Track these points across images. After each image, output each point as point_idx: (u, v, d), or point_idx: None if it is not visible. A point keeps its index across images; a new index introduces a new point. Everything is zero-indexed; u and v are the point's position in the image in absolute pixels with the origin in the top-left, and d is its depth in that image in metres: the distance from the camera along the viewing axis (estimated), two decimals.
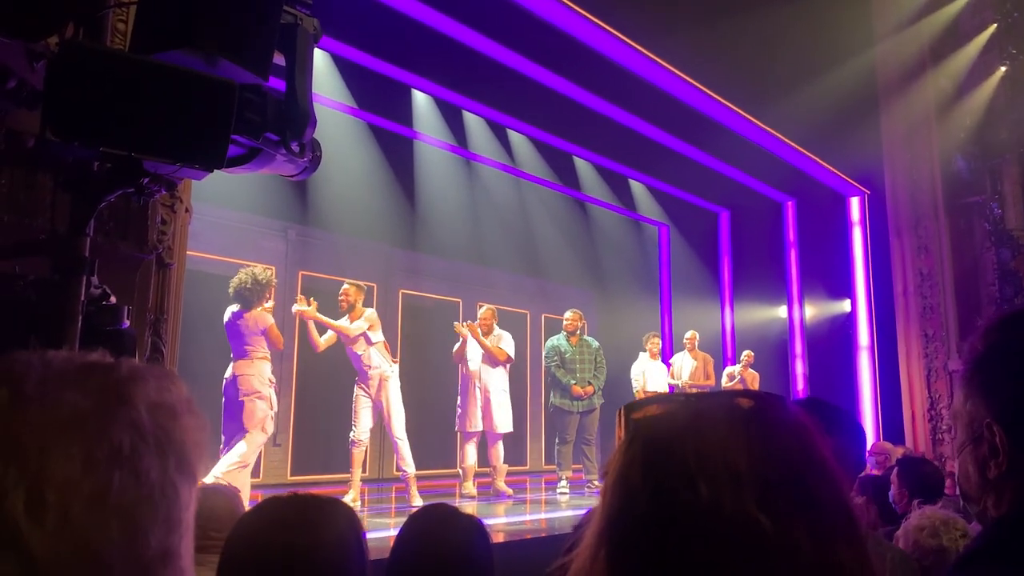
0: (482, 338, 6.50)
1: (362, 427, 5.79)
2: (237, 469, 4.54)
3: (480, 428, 6.48)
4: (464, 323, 6.60)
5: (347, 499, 5.62)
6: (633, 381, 7.93)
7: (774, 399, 0.58)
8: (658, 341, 8.26)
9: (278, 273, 7.07)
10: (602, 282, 10.36)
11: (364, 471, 6.00)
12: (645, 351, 8.13)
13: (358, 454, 5.79)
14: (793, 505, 0.51)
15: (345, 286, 5.96)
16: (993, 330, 0.75)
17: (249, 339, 4.86)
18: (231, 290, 4.95)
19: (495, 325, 6.64)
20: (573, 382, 7.01)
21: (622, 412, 0.59)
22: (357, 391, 5.85)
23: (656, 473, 0.53)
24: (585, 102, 7.09)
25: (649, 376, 7.95)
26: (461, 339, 6.57)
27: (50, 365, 0.48)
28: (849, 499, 0.55)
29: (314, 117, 2.29)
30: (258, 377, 4.79)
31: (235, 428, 4.69)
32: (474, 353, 6.54)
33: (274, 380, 4.95)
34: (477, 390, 6.48)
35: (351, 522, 1.31)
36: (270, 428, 4.84)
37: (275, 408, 4.91)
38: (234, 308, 4.95)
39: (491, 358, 6.54)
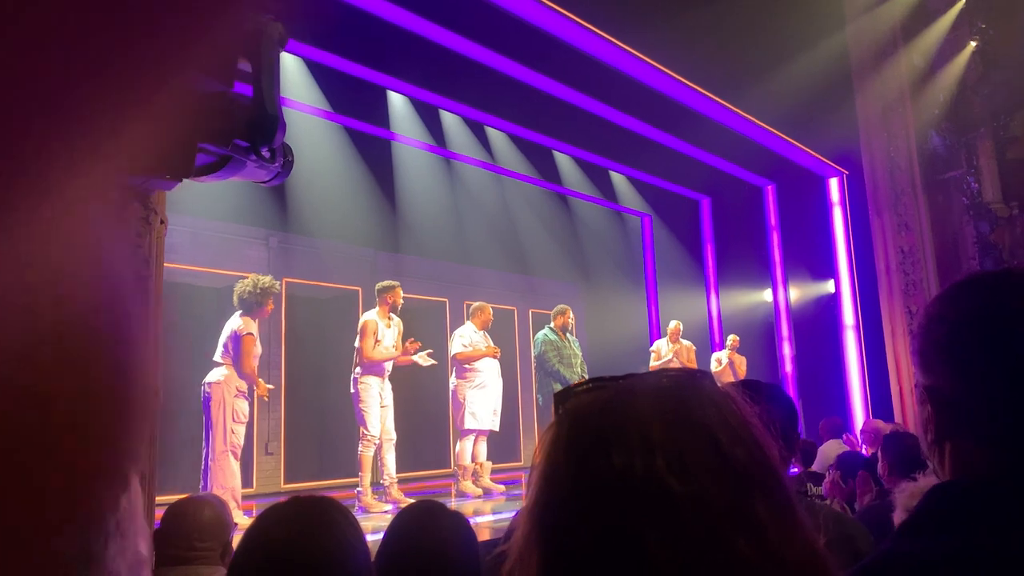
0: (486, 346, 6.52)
1: (378, 424, 5.74)
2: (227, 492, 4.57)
3: (490, 426, 6.48)
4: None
5: (371, 507, 5.57)
6: (651, 356, 7.99)
7: (698, 374, 0.59)
8: (679, 326, 8.25)
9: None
10: (587, 275, 10.39)
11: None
12: (666, 336, 8.19)
13: (371, 456, 5.77)
14: (705, 467, 0.52)
15: (397, 287, 5.94)
16: (935, 302, 0.78)
17: (228, 344, 4.88)
18: (235, 297, 4.99)
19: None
20: (575, 377, 7.00)
21: (554, 399, 0.61)
22: (366, 385, 5.75)
23: (576, 448, 0.55)
24: (561, 96, 7.10)
25: (670, 354, 8.05)
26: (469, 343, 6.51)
27: None
28: (771, 457, 0.56)
29: (283, 121, 2.29)
30: (227, 385, 4.80)
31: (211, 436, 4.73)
32: (491, 348, 6.56)
33: (244, 390, 4.92)
34: (492, 387, 6.49)
35: (354, 524, 1.33)
36: (237, 440, 4.80)
37: (245, 418, 4.89)
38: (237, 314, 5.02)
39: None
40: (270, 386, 5.34)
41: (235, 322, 4.94)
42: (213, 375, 4.87)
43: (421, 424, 8.14)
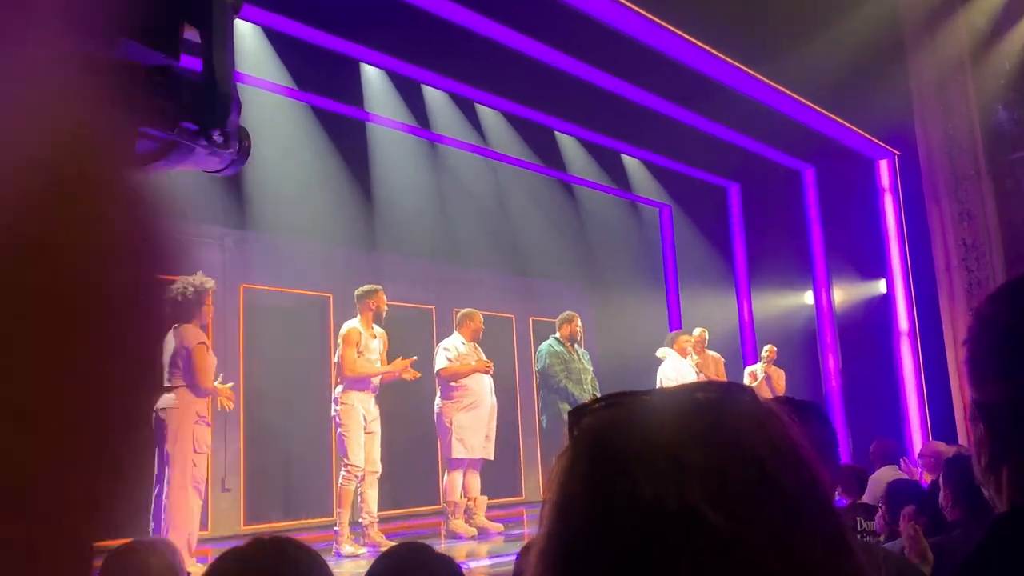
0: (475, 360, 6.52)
1: (362, 452, 5.73)
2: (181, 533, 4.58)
3: (482, 455, 6.46)
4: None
5: (346, 551, 5.59)
6: (666, 382, 7.94)
7: (735, 388, 0.59)
8: (689, 338, 8.27)
9: (215, 287, 7.04)
10: (597, 276, 10.39)
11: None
12: (672, 350, 8.16)
13: (353, 490, 5.76)
14: (749, 497, 0.52)
15: (380, 291, 6.00)
16: (986, 301, 0.77)
17: (178, 360, 4.88)
18: (166, 305, 5.00)
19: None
20: (585, 395, 6.98)
21: (567, 419, 0.60)
22: (348, 406, 5.74)
23: (596, 476, 0.55)
24: (565, 67, 7.11)
25: (686, 377, 7.99)
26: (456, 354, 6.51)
27: None
28: (824, 485, 0.55)
29: (238, 100, 2.28)
30: (185, 410, 4.80)
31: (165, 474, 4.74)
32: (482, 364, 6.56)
33: (206, 415, 4.94)
34: (484, 409, 6.48)
35: (324, 569, 1.35)
36: (199, 474, 4.81)
37: (207, 448, 4.92)
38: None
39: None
40: (229, 384, 5.35)
41: (178, 335, 4.93)
42: (166, 400, 4.87)
43: (405, 452, 8.12)
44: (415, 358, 6.10)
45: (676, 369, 8.07)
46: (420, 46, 6.54)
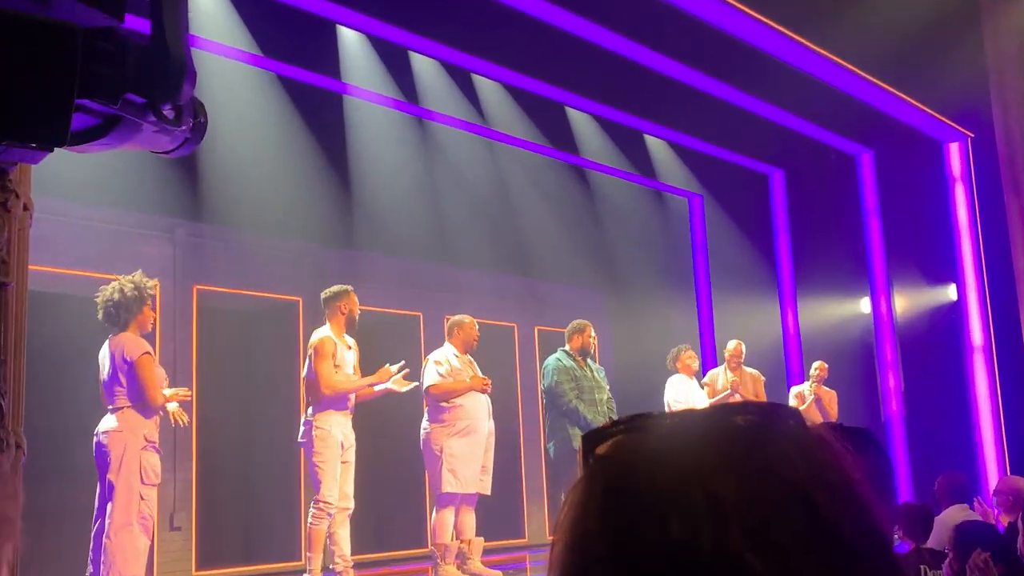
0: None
1: (336, 487, 5.74)
2: None
3: (477, 489, 6.47)
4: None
5: None
6: (674, 405, 7.96)
7: (781, 411, 0.59)
8: (694, 355, 8.30)
9: (165, 289, 7.06)
10: (614, 278, 10.39)
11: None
12: (676, 370, 8.18)
13: (325, 530, 5.77)
14: (796, 539, 0.52)
15: (351, 291, 6.05)
16: None
17: (118, 376, 4.89)
18: (99, 310, 5.02)
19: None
20: (600, 418, 6.98)
21: (581, 445, 0.60)
22: (325, 432, 5.75)
23: (616, 513, 0.54)
24: (577, 31, 7.12)
25: (696, 400, 8.00)
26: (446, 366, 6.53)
27: None
28: (882, 527, 0.56)
29: (192, 68, 2.29)
30: (130, 434, 4.81)
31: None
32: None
33: (155, 439, 4.94)
34: (481, 434, 6.49)
35: None
36: (148, 510, 4.83)
37: (157, 478, 4.92)
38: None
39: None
40: (184, 390, 5.38)
41: (116, 347, 4.94)
42: (107, 423, 4.88)
43: (386, 485, 8.12)
44: (404, 363, 6.08)
45: (683, 392, 8.06)
46: (407, 5, 6.54)
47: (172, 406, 5.14)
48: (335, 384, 5.78)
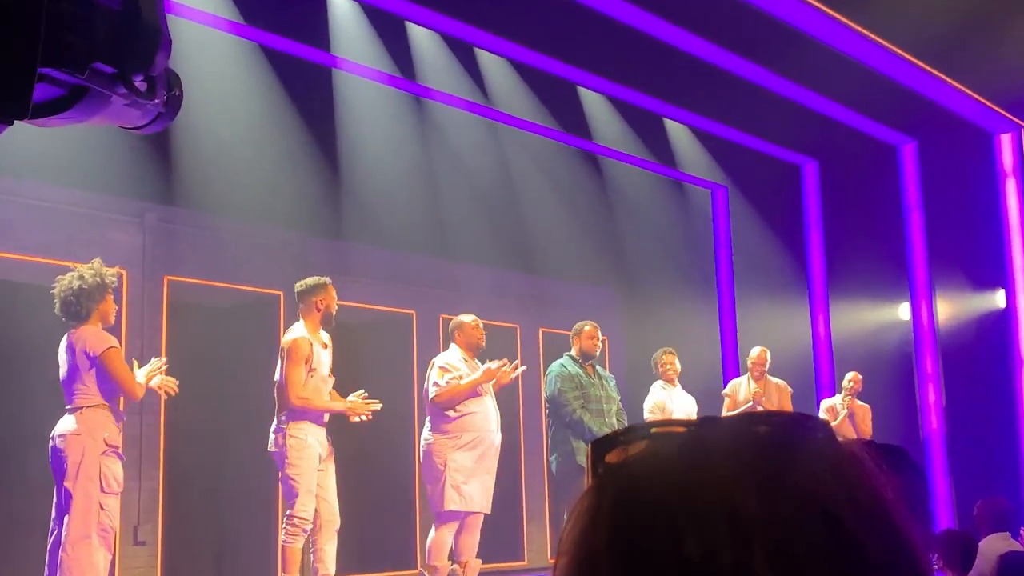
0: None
1: (313, 501, 5.76)
2: None
3: (481, 508, 6.45)
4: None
5: None
6: (648, 416, 7.97)
7: (808, 421, 0.59)
8: (673, 359, 8.28)
9: (134, 279, 7.07)
10: (627, 276, 10.40)
11: None
12: (658, 376, 8.19)
13: (300, 549, 5.78)
14: (823, 562, 0.51)
15: (329, 285, 6.06)
16: None
17: (78, 373, 4.90)
18: (56, 302, 5.03)
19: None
20: (607, 431, 6.98)
21: (590, 453, 0.60)
22: (299, 441, 5.76)
23: (627, 530, 0.54)
24: (593, 3, 7.11)
25: (673, 410, 7.99)
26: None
27: None
28: (919, 552, 0.55)
29: (167, 36, 2.29)
30: (89, 437, 4.81)
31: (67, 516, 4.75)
32: (487, 387, 6.55)
33: (117, 444, 4.95)
34: (490, 445, 6.49)
35: None
36: (108, 520, 4.83)
37: (119, 486, 4.93)
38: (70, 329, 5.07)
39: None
40: (160, 362, 5.38)
41: (76, 341, 4.95)
42: (66, 424, 4.89)
43: (371, 501, 8.12)
44: (368, 397, 6.08)
45: (658, 401, 8.02)
46: None
47: (155, 382, 5.16)
48: (307, 398, 5.76)
